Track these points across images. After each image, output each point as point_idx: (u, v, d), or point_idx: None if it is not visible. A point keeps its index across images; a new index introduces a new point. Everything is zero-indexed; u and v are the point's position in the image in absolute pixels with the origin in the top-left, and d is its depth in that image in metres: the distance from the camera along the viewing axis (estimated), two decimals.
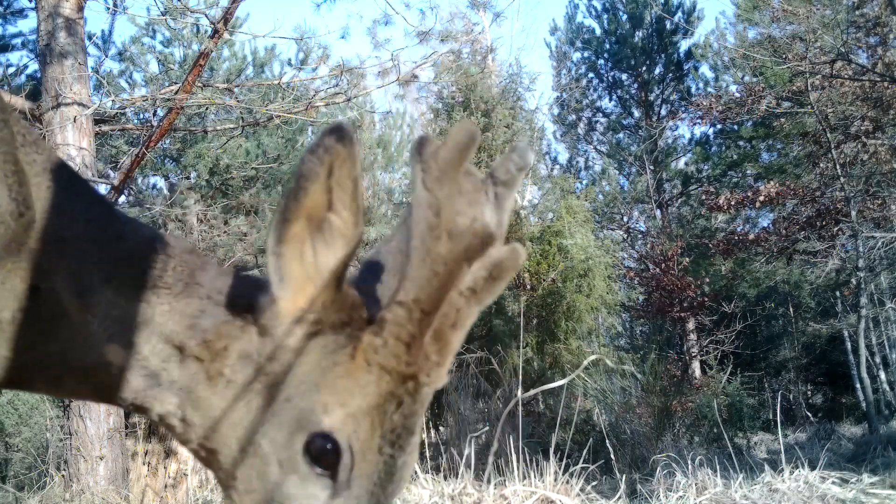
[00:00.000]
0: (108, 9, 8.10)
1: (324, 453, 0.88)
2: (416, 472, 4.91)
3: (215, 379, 0.94)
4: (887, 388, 13.83)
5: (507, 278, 0.87)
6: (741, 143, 17.76)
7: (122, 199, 10.68)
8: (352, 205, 0.87)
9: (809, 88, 11.15)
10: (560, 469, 4.74)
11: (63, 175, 1.00)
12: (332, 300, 0.90)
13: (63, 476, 6.19)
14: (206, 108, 9.27)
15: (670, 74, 19.02)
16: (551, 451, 5.11)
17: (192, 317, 0.95)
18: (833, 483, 4.97)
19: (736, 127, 16.64)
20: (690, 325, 15.08)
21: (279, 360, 0.91)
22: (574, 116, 20.35)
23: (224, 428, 0.93)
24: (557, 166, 20.31)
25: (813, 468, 5.10)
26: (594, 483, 5.10)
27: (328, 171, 0.84)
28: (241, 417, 0.92)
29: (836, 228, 11.79)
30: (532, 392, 7.53)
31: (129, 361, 0.95)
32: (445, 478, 4.96)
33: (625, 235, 18.55)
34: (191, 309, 0.95)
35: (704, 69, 18.78)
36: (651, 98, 19.36)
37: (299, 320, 0.91)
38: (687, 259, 14.11)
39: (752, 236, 13.49)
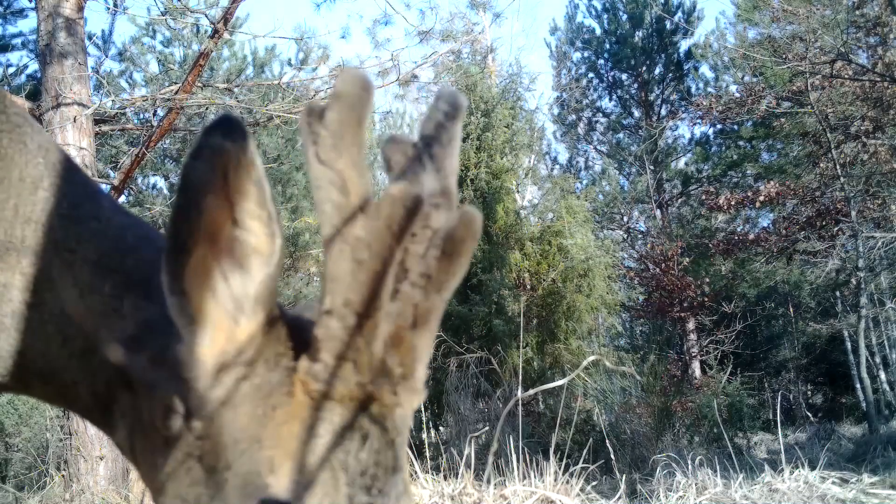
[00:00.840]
0: (108, 9, 8.10)
1: None
2: (415, 472, 4.91)
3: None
4: (887, 388, 13.82)
5: (466, 253, 0.71)
6: (741, 143, 17.77)
7: (123, 199, 10.68)
8: (261, 214, 0.71)
9: (809, 88, 11.15)
10: (560, 469, 4.74)
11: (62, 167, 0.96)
12: (259, 334, 0.73)
13: (63, 476, 6.19)
14: (206, 108, 9.27)
15: (670, 74, 19.02)
16: (551, 451, 5.11)
17: None
18: (833, 483, 4.97)
19: (736, 127, 16.65)
20: (690, 325, 15.08)
21: (208, 419, 0.74)
22: (574, 116, 20.36)
23: None
24: (557, 166, 20.33)
25: (813, 468, 5.10)
26: (594, 483, 5.10)
27: (222, 178, 0.69)
28: (187, 495, 0.75)
29: (836, 228, 11.79)
30: (532, 392, 7.53)
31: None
32: (445, 478, 4.96)
33: (625, 235, 18.56)
34: None
35: (704, 69, 18.81)
36: (651, 98, 19.37)
37: (224, 367, 0.74)
38: (687, 259, 14.12)
39: (752, 236, 13.50)
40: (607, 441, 6.47)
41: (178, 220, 0.69)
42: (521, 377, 6.45)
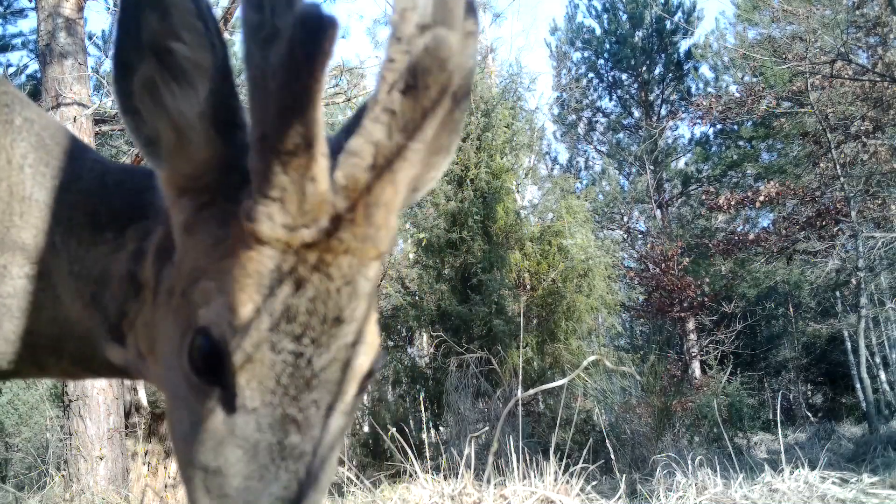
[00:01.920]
0: (109, 9, 8.10)
1: (205, 356, 0.67)
2: (416, 472, 4.91)
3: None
4: (887, 388, 13.82)
5: (436, 89, 0.61)
6: (741, 143, 17.77)
7: None
8: (197, 24, 0.68)
9: (809, 88, 11.15)
10: (560, 469, 4.74)
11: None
12: (215, 155, 0.71)
13: (63, 476, 6.18)
14: None
15: (670, 74, 19.02)
16: (551, 451, 5.11)
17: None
18: (833, 483, 4.97)
19: (736, 127, 16.64)
20: (690, 325, 15.07)
21: (178, 248, 0.74)
22: (574, 116, 20.35)
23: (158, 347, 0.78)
24: (557, 166, 20.34)
25: (813, 468, 5.09)
26: (594, 483, 5.10)
27: None
28: (167, 331, 0.74)
29: (836, 228, 11.79)
30: (532, 392, 7.53)
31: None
32: (445, 478, 4.95)
33: (625, 235, 18.55)
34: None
35: (704, 69, 18.82)
36: (651, 98, 19.36)
37: (184, 190, 0.72)
38: (687, 259, 14.11)
39: (752, 236, 13.49)
40: (607, 441, 6.47)
41: (120, 37, 0.69)
42: (521, 377, 6.46)
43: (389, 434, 6.09)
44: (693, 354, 14.70)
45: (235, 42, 14.23)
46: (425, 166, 0.81)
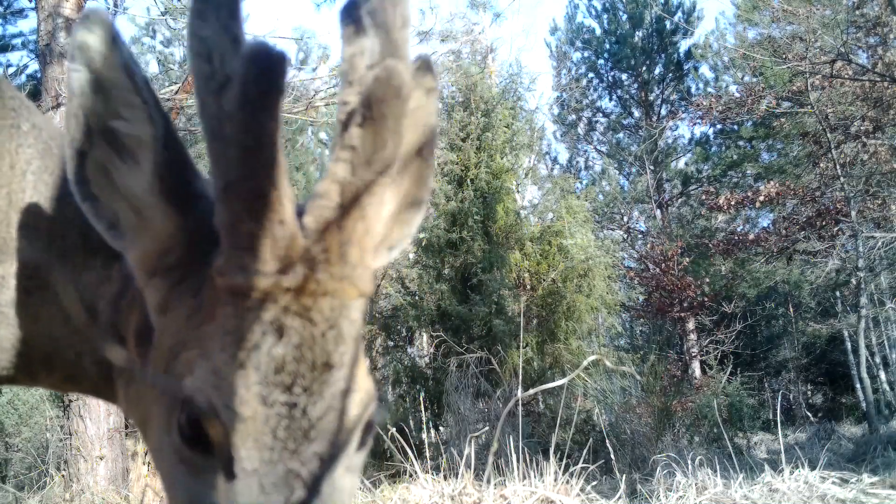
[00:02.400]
0: (109, 9, 8.10)
1: (194, 426, 0.65)
2: (416, 472, 4.91)
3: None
4: (887, 388, 13.82)
5: (391, 115, 0.61)
6: (741, 143, 17.76)
7: None
8: (134, 99, 0.68)
9: (809, 88, 11.15)
10: (560, 469, 4.74)
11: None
12: (175, 228, 0.70)
13: (63, 476, 6.18)
14: None
15: (670, 74, 19.02)
16: (551, 451, 5.11)
17: None
18: (833, 483, 4.97)
19: (736, 127, 16.64)
20: (690, 325, 15.07)
21: (156, 329, 0.72)
22: (574, 116, 20.35)
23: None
24: (557, 166, 20.34)
25: (813, 468, 5.09)
26: (594, 483, 5.10)
27: (93, 73, 0.68)
28: (153, 413, 0.73)
29: (836, 228, 11.79)
30: (532, 392, 7.53)
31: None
32: (445, 478, 4.95)
33: (625, 235, 18.55)
34: None
35: (704, 69, 18.81)
36: (651, 98, 19.36)
37: (153, 271, 0.71)
38: (687, 259, 14.11)
39: (752, 236, 13.49)
40: (607, 441, 6.47)
41: (69, 126, 0.69)
42: (521, 377, 6.46)
43: (389, 434, 6.08)
44: (693, 354, 14.70)
45: None
46: (399, 222, 0.81)
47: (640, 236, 18.86)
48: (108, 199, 0.71)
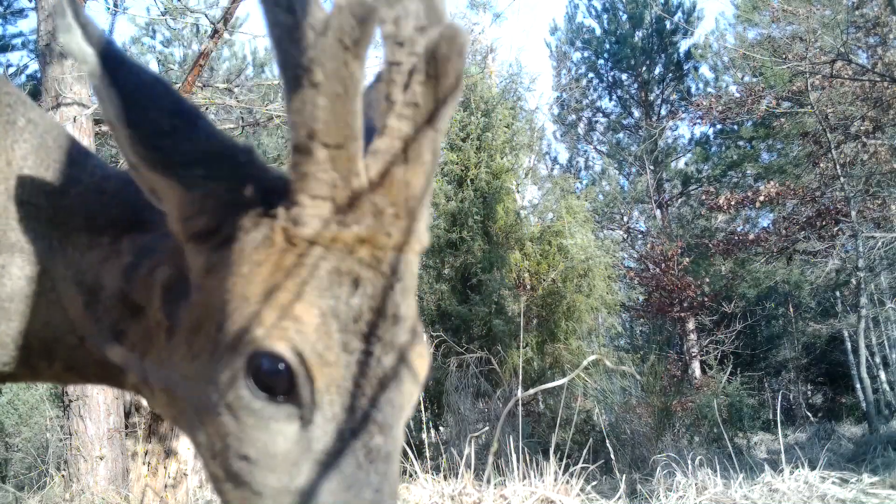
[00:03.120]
0: (109, 9, 8.10)
1: (272, 374, 0.66)
2: (415, 472, 4.91)
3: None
4: (887, 388, 13.82)
5: (452, 73, 0.63)
6: (741, 143, 17.76)
7: None
8: (99, 83, 0.71)
9: (809, 88, 11.15)
10: (560, 469, 4.74)
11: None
12: (183, 198, 0.70)
13: (63, 476, 6.18)
14: (206, 108, 9.26)
15: (670, 74, 19.02)
16: (551, 451, 5.11)
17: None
18: (833, 483, 4.97)
19: (736, 127, 16.64)
20: (690, 325, 15.07)
21: (197, 289, 0.72)
22: (574, 116, 20.35)
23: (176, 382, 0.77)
24: (557, 166, 20.34)
25: (813, 468, 5.09)
26: (594, 483, 5.10)
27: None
28: (190, 372, 0.73)
29: (836, 228, 11.79)
30: (532, 392, 7.53)
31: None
32: (445, 478, 4.96)
33: (625, 235, 18.55)
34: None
35: (704, 69, 18.81)
36: (651, 98, 19.36)
37: (191, 237, 0.72)
38: (687, 259, 14.11)
39: (752, 236, 13.49)
40: (607, 441, 6.47)
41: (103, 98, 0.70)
42: (521, 377, 6.46)
43: None
44: (693, 354, 14.70)
45: (235, 42, 14.23)
46: None
47: (640, 236, 18.86)
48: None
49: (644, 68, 19.04)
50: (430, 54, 0.63)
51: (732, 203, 13.08)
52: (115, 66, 0.71)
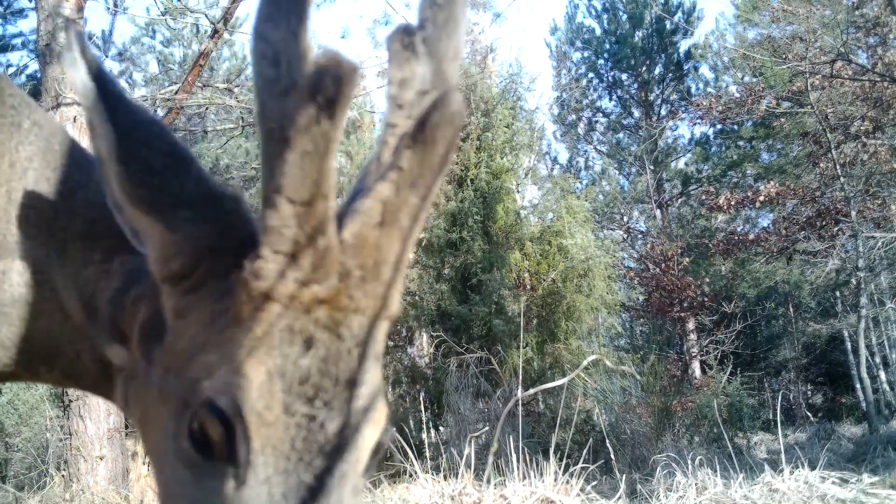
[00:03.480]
0: (109, 9, 8.10)
1: (210, 429, 0.64)
2: (416, 472, 4.91)
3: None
4: (887, 388, 13.82)
5: (442, 141, 0.62)
6: (741, 143, 17.76)
7: None
8: (93, 116, 0.71)
9: (809, 88, 11.15)
10: (560, 469, 4.74)
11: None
12: (166, 240, 0.69)
13: (63, 476, 6.18)
14: (206, 108, 9.27)
15: (670, 74, 19.02)
16: (551, 451, 5.11)
17: None
18: (833, 483, 4.97)
19: (736, 127, 16.64)
20: (690, 325, 15.07)
21: (169, 331, 0.72)
22: (574, 116, 20.35)
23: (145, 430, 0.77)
24: (557, 166, 20.33)
25: (813, 468, 5.10)
26: (594, 483, 5.10)
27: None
28: (157, 416, 0.72)
29: (836, 228, 11.79)
30: (532, 392, 7.53)
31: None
32: (445, 478, 4.96)
33: (625, 235, 18.55)
34: None
35: (704, 69, 18.81)
36: (651, 98, 19.36)
37: (172, 277, 0.70)
38: (687, 259, 14.11)
39: (752, 236, 13.49)
40: (607, 441, 6.47)
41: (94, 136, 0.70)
42: (521, 377, 6.46)
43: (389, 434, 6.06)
44: (693, 354, 14.70)
45: (235, 42, 14.23)
46: None
47: (640, 236, 18.86)
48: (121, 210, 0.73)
49: (644, 68, 19.04)
50: (421, 120, 0.62)
51: (732, 203, 13.09)
52: (113, 104, 0.71)
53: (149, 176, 0.70)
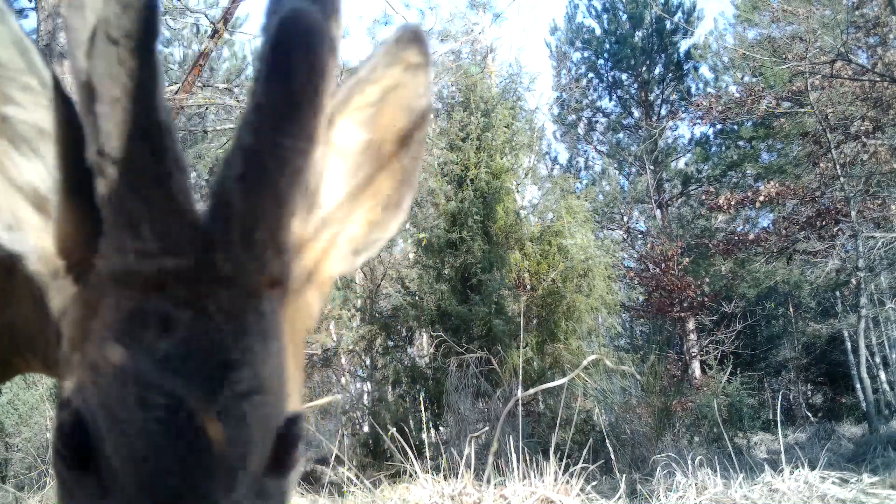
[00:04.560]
0: None
1: (71, 434, 0.54)
2: (416, 472, 4.91)
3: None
4: (887, 388, 13.82)
5: (306, 68, 0.54)
6: (741, 143, 17.77)
7: None
8: (30, 80, 0.60)
9: (809, 88, 11.15)
10: (560, 469, 4.74)
11: None
12: (75, 228, 0.58)
13: None
14: (206, 108, 9.27)
15: (670, 74, 19.03)
16: (551, 451, 5.11)
17: None
18: (833, 483, 4.97)
19: (736, 127, 16.65)
20: (690, 325, 15.07)
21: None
22: (574, 116, 20.36)
23: None
24: (557, 166, 20.34)
25: (813, 468, 5.10)
26: (594, 483, 5.10)
27: None
28: None
29: (836, 228, 11.79)
30: (532, 392, 7.53)
31: None
32: (445, 478, 4.96)
33: (625, 235, 18.56)
34: None
35: (704, 69, 18.82)
36: (651, 98, 19.37)
37: (56, 273, 0.61)
38: (687, 259, 14.12)
39: (752, 236, 13.49)
40: (607, 441, 6.47)
41: None
42: (521, 377, 6.46)
43: (389, 434, 6.09)
44: (693, 354, 14.70)
45: (235, 42, 14.23)
46: (371, 224, 0.71)
47: (640, 236, 18.86)
48: (3, 197, 0.61)
49: (644, 68, 19.05)
50: (270, 45, 0.53)
51: (732, 203, 13.09)
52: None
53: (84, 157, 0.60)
